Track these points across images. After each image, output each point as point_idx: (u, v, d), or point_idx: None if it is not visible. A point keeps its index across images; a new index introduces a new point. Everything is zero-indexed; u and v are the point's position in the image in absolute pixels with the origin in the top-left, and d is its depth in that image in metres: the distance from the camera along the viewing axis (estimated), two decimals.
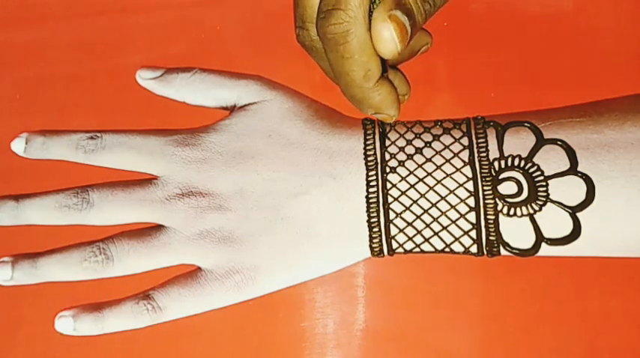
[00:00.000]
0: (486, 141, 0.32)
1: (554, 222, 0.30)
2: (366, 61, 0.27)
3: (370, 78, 0.28)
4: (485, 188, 0.31)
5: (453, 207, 0.31)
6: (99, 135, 0.34)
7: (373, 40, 0.27)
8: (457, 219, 0.31)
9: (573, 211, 0.30)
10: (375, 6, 0.27)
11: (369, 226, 0.31)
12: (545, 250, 0.31)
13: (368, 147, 0.32)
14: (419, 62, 0.36)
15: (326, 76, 0.34)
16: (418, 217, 0.31)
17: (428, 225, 0.31)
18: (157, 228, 0.33)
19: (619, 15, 0.36)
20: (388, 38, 0.26)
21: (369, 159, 0.32)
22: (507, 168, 0.31)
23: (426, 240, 0.31)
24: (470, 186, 0.31)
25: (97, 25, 0.37)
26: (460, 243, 0.31)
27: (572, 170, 0.31)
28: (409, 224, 0.31)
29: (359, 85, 0.28)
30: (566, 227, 0.30)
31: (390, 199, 0.31)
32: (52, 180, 0.34)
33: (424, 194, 0.31)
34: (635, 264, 0.33)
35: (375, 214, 0.31)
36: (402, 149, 0.32)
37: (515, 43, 0.36)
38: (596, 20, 0.36)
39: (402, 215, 0.31)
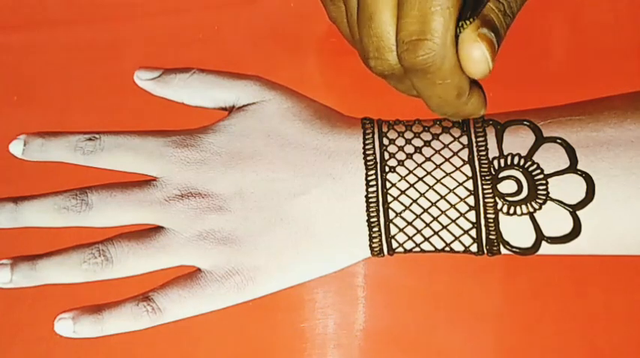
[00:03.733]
0: (486, 140, 0.32)
1: (554, 221, 0.30)
2: (458, 82, 0.26)
3: (462, 95, 0.27)
4: (484, 187, 0.31)
5: (452, 206, 0.31)
6: (97, 136, 0.34)
7: (463, 62, 0.26)
8: (457, 218, 0.31)
9: (573, 209, 0.30)
10: (461, 29, 0.25)
11: (368, 226, 0.31)
12: (545, 249, 0.31)
13: (367, 147, 0.32)
14: None
15: (325, 76, 0.34)
16: (418, 216, 0.31)
17: (428, 224, 0.31)
18: (157, 229, 0.33)
19: (618, 13, 0.36)
20: (480, 58, 0.25)
21: (368, 158, 0.32)
22: (507, 167, 0.31)
23: (426, 239, 0.31)
24: (469, 184, 0.31)
25: (95, 27, 0.37)
26: (460, 242, 0.31)
27: (572, 168, 0.31)
28: (409, 223, 0.31)
29: (452, 103, 0.28)
30: (566, 225, 0.30)
31: (389, 198, 0.31)
32: (51, 182, 0.34)
33: (424, 193, 0.31)
34: (637, 262, 0.33)
35: (374, 214, 0.31)
36: (401, 148, 0.32)
37: (514, 41, 0.36)
38: (595, 18, 0.36)
39: (402, 214, 0.31)
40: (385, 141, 0.32)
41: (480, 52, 0.25)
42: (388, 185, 0.32)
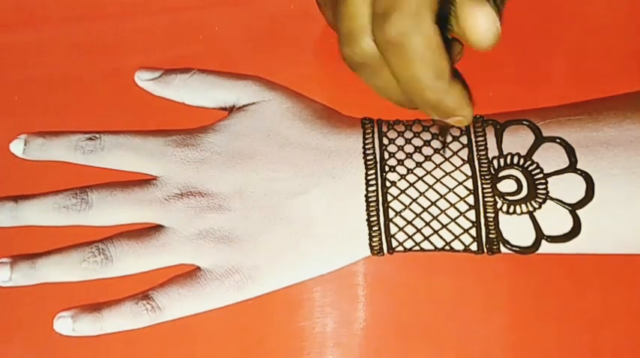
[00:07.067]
0: (485, 140, 0.32)
1: (554, 220, 0.30)
2: (437, 58, 0.24)
3: (442, 76, 0.25)
4: (484, 186, 0.31)
5: (452, 205, 0.31)
6: (98, 136, 0.34)
7: (467, 32, 0.24)
8: (457, 217, 0.31)
9: (573, 208, 0.30)
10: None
11: (368, 225, 0.31)
12: (545, 247, 0.31)
13: (367, 146, 0.32)
14: None
15: (325, 76, 0.34)
16: (418, 215, 0.31)
17: (428, 223, 0.31)
18: (156, 228, 0.33)
19: (617, 13, 0.36)
20: (489, 22, 0.23)
21: (368, 158, 0.32)
22: (507, 166, 0.31)
23: (426, 238, 0.31)
24: (469, 184, 0.31)
25: (95, 26, 0.37)
26: (460, 241, 0.31)
27: (572, 168, 0.31)
28: (409, 222, 0.31)
29: (431, 86, 0.25)
30: (565, 224, 0.30)
31: (389, 198, 0.31)
32: (51, 182, 0.34)
33: (424, 192, 0.31)
34: (636, 261, 0.33)
35: (374, 213, 0.31)
36: (401, 148, 0.32)
37: (513, 41, 0.36)
38: (595, 18, 0.36)
39: (402, 213, 0.31)
40: (385, 141, 0.33)
41: (487, 16, 0.23)
42: (388, 184, 0.32)
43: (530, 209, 0.30)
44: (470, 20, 0.23)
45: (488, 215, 0.31)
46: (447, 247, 0.31)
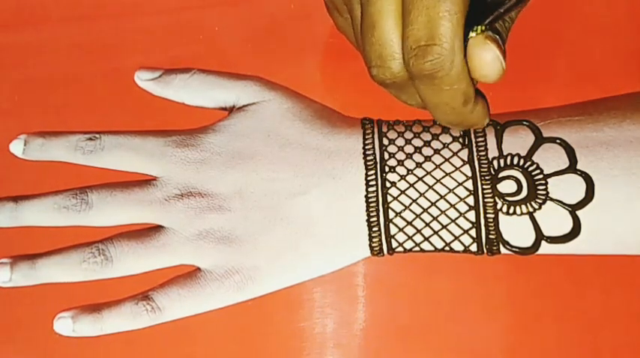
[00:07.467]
0: (485, 140, 0.32)
1: (554, 220, 0.30)
2: (465, 88, 0.26)
3: (469, 101, 0.27)
4: (484, 186, 0.31)
5: (452, 205, 0.31)
6: (98, 136, 0.34)
7: (477, 67, 0.25)
8: (457, 218, 0.31)
9: (573, 209, 0.30)
10: (469, 38, 0.25)
11: (368, 225, 0.31)
12: (545, 248, 0.31)
13: (367, 147, 0.32)
14: None
15: (325, 76, 0.34)
16: (418, 216, 0.31)
17: (427, 224, 0.31)
18: (156, 228, 0.33)
19: (617, 13, 0.36)
20: (493, 59, 0.25)
21: (368, 158, 0.32)
22: (506, 167, 0.31)
23: (426, 238, 0.31)
24: (469, 184, 0.31)
25: (96, 26, 0.37)
26: (460, 241, 0.31)
27: (572, 168, 0.31)
28: (409, 223, 0.31)
29: (458, 111, 0.27)
30: (565, 225, 0.30)
31: (389, 198, 0.31)
32: (51, 182, 0.34)
33: (424, 193, 0.31)
34: (636, 262, 0.33)
35: (374, 213, 0.31)
36: (401, 148, 0.32)
37: (513, 42, 0.36)
38: (595, 18, 0.36)
39: (402, 214, 0.31)
40: (385, 141, 0.33)
41: (492, 53, 0.25)
42: (388, 184, 0.32)
43: (530, 210, 0.30)
44: (477, 60, 0.25)
45: (488, 216, 0.31)
46: (447, 248, 0.31)
